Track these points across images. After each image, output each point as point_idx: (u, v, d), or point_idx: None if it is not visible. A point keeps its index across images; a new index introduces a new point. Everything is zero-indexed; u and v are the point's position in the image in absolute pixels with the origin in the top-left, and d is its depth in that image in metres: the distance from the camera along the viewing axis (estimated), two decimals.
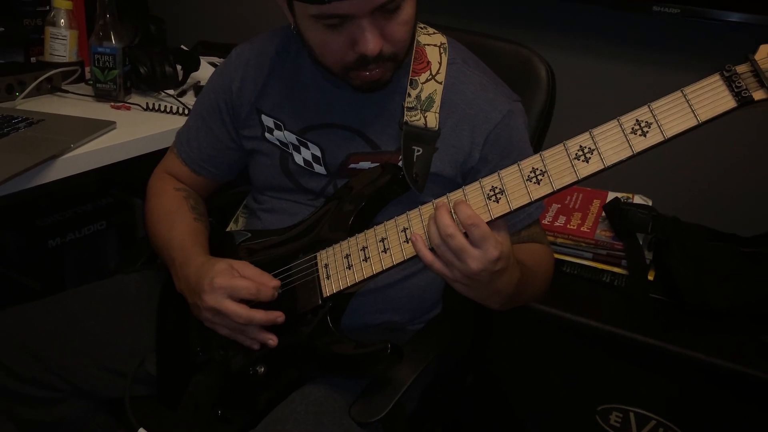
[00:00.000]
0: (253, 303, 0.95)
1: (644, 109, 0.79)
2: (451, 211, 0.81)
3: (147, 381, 1.09)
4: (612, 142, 0.80)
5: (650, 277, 1.50)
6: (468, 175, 1.03)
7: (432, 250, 0.83)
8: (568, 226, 1.56)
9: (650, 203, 1.62)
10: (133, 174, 1.63)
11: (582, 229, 1.55)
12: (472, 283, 0.82)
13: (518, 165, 0.83)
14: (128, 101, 1.55)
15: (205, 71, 1.74)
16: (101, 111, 1.48)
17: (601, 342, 1.43)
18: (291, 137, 1.07)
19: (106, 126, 1.34)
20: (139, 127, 1.40)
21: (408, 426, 1.06)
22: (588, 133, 0.81)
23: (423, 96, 1.01)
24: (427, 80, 1.02)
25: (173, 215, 1.11)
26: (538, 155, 0.83)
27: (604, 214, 1.58)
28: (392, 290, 1.07)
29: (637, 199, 1.64)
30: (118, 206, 2.12)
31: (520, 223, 1.04)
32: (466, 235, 0.80)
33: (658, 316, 1.46)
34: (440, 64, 1.04)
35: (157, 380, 1.08)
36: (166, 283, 1.14)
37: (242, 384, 0.98)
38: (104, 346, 1.09)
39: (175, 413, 1.06)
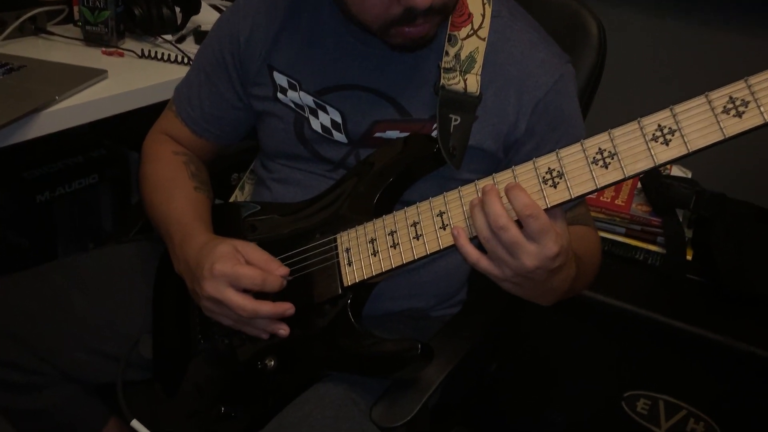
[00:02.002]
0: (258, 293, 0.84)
1: (740, 84, 0.66)
2: (501, 197, 0.69)
3: (142, 365, 0.98)
4: (698, 123, 0.68)
5: (688, 257, 1.39)
6: (510, 149, 0.90)
7: (474, 241, 0.72)
8: (602, 198, 1.44)
9: (689, 175, 1.50)
10: (129, 124, 1.52)
11: (616, 202, 1.43)
12: (524, 282, 0.71)
13: (582, 144, 0.71)
14: (121, 47, 1.41)
15: (206, 15, 1.59)
16: (91, 57, 1.34)
17: (631, 324, 1.33)
18: (307, 99, 0.93)
19: (97, 75, 1.21)
20: (134, 76, 1.27)
21: (430, 423, 0.96)
22: (668, 110, 0.69)
23: (463, 55, 0.87)
24: (468, 36, 0.88)
25: (171, 184, 0.99)
26: (606, 133, 0.71)
27: (639, 185, 1.45)
28: (417, 275, 0.96)
29: (675, 171, 1.51)
30: (111, 159, 1.98)
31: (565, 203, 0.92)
32: (519, 224, 0.68)
33: (695, 300, 1.36)
34: (483, 16, 0.89)
35: (153, 365, 0.98)
36: (163, 256, 1.02)
37: (249, 378, 0.88)
38: (94, 326, 0.99)
39: (173, 400, 0.96)
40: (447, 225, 0.77)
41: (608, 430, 1.39)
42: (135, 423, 0.91)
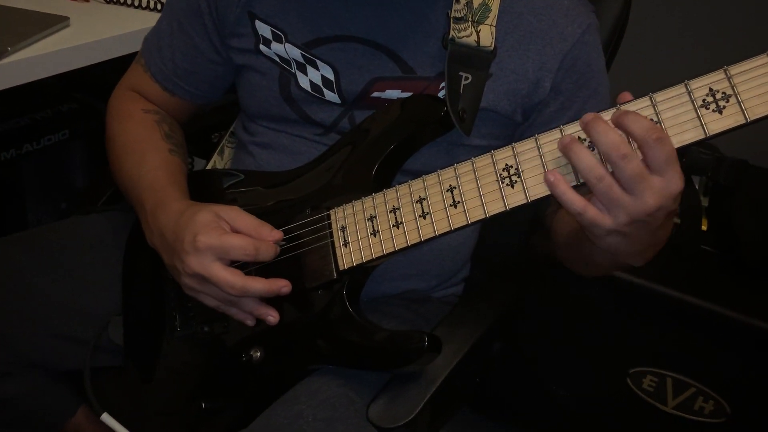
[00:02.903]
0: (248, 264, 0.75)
1: None
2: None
3: (112, 350, 0.90)
4: (759, 87, 0.59)
5: (702, 227, 1.31)
6: (531, 111, 0.81)
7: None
8: None
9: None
10: (102, 74, 1.40)
11: None
12: (635, 231, 0.59)
13: (617, 109, 0.62)
14: None
15: None
16: (51, 2, 1.23)
17: (638, 298, 1.26)
18: (294, 52, 0.82)
19: (57, 22, 1.12)
20: (100, 25, 1.18)
21: (430, 415, 0.89)
22: (722, 71, 0.60)
23: (476, 2, 0.77)
24: None
25: (142, 146, 0.89)
26: (646, 98, 0.62)
27: None
28: (419, 252, 0.86)
29: None
30: (83, 113, 1.86)
31: None
32: None
33: (709, 273, 1.29)
34: None
35: (123, 351, 0.89)
36: (134, 228, 0.92)
37: (232, 372, 0.79)
38: (59, 307, 0.90)
39: (147, 389, 0.87)
40: (458, 202, 0.67)
41: (613, 407, 1.34)
42: (105, 417, 0.82)
